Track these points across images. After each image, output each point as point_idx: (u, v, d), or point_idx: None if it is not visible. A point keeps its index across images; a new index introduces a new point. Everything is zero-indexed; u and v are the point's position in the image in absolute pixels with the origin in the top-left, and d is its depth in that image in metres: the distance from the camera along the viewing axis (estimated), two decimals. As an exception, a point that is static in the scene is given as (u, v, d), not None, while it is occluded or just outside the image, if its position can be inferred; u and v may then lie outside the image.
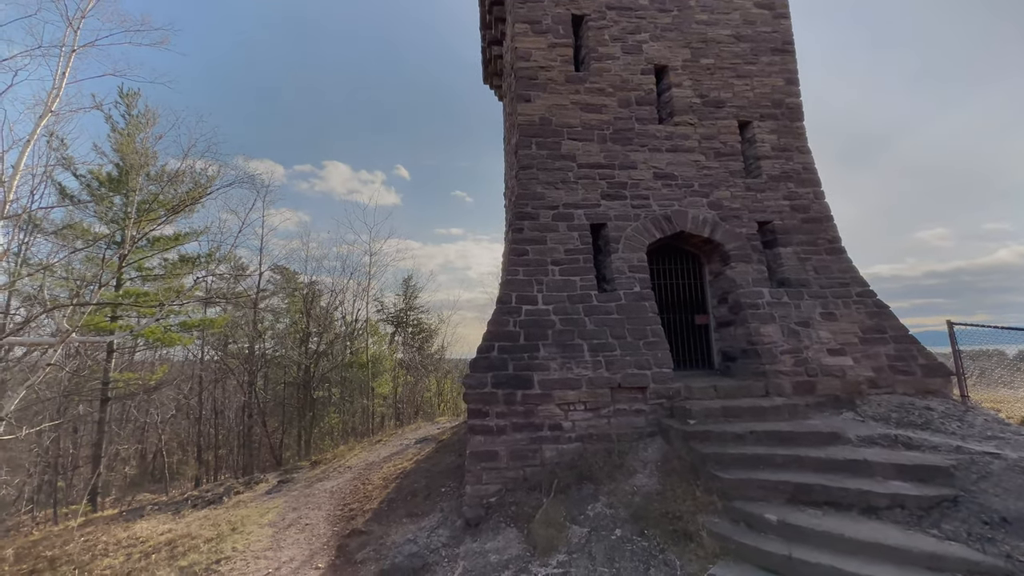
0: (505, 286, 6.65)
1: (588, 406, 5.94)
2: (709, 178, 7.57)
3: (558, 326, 6.37)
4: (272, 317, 22.83)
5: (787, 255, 7.25)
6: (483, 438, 5.72)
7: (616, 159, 7.50)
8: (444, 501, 6.33)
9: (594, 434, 5.88)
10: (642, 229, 7.20)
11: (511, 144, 9.28)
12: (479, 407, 5.78)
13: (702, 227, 7.28)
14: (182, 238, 12.61)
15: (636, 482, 5.22)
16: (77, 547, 6.37)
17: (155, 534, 6.55)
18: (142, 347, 13.60)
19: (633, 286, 6.81)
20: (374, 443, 11.04)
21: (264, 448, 17.29)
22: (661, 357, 6.25)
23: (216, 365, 18.62)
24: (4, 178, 6.41)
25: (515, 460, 5.71)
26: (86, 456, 13.54)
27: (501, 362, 6.01)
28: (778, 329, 6.61)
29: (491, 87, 13.88)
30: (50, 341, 6.23)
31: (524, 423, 5.80)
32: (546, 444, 5.80)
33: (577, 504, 5.10)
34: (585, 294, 6.68)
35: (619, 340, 6.32)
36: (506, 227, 11.84)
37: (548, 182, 7.30)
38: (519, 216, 7.08)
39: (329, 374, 18.42)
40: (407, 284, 26.88)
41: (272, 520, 6.61)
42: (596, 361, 6.12)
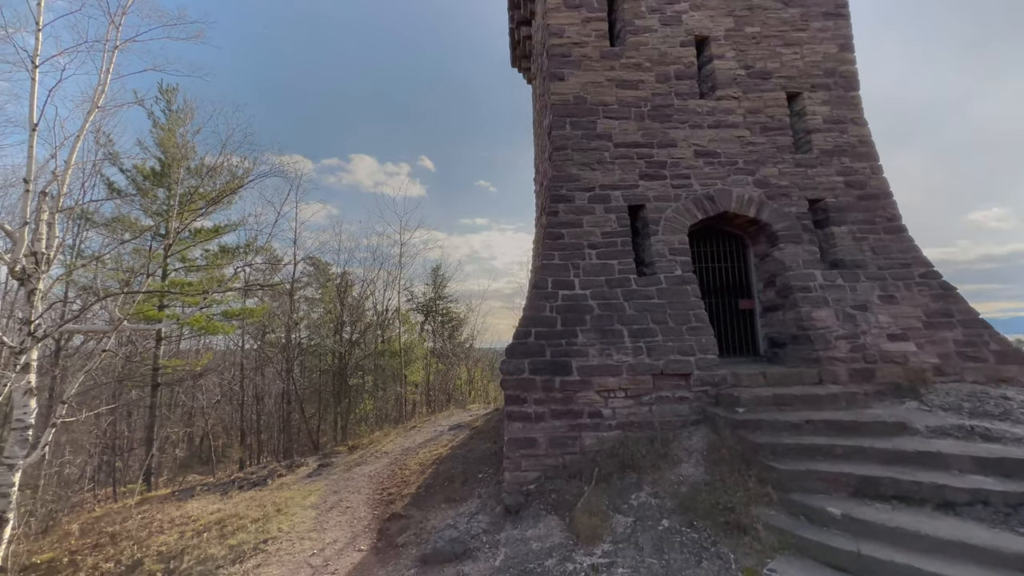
0: (540, 271, 6.49)
1: (629, 393, 5.75)
2: (755, 154, 7.15)
3: (596, 311, 6.18)
4: (307, 307, 23.47)
5: (841, 235, 6.79)
6: (521, 424, 5.63)
7: (655, 137, 7.17)
8: (482, 487, 6.30)
9: (635, 422, 5.70)
10: (683, 210, 6.88)
11: (543, 126, 9.04)
12: (517, 393, 5.68)
13: (747, 206, 6.89)
14: (221, 229, 13.05)
15: (682, 471, 5.03)
16: (135, 524, 6.70)
17: (205, 513, 6.81)
18: (188, 335, 14.23)
19: (674, 269, 6.53)
20: (408, 429, 11.18)
21: (302, 433, 17.87)
22: (705, 343, 5.98)
23: (255, 353, 19.29)
24: (58, 172, 6.66)
25: (554, 447, 5.60)
26: (140, 438, 14.33)
27: (538, 348, 5.88)
28: (832, 313, 6.22)
29: (519, 70, 13.58)
30: (104, 329, 6.49)
31: (563, 410, 5.67)
32: (585, 431, 5.66)
33: (620, 493, 4.96)
34: (624, 278, 6.45)
35: (660, 325, 6.08)
36: (537, 213, 11.63)
37: (583, 163, 7.05)
38: (554, 199, 6.88)
39: (363, 362, 18.80)
40: (436, 274, 27.05)
41: (314, 502, 6.76)
42: (637, 347, 5.91)
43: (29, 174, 6.06)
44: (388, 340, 19.95)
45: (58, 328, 5.74)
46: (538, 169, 11.10)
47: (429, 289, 26.85)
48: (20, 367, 5.93)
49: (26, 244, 6.15)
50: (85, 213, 9.63)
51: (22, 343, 5.88)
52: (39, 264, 6.17)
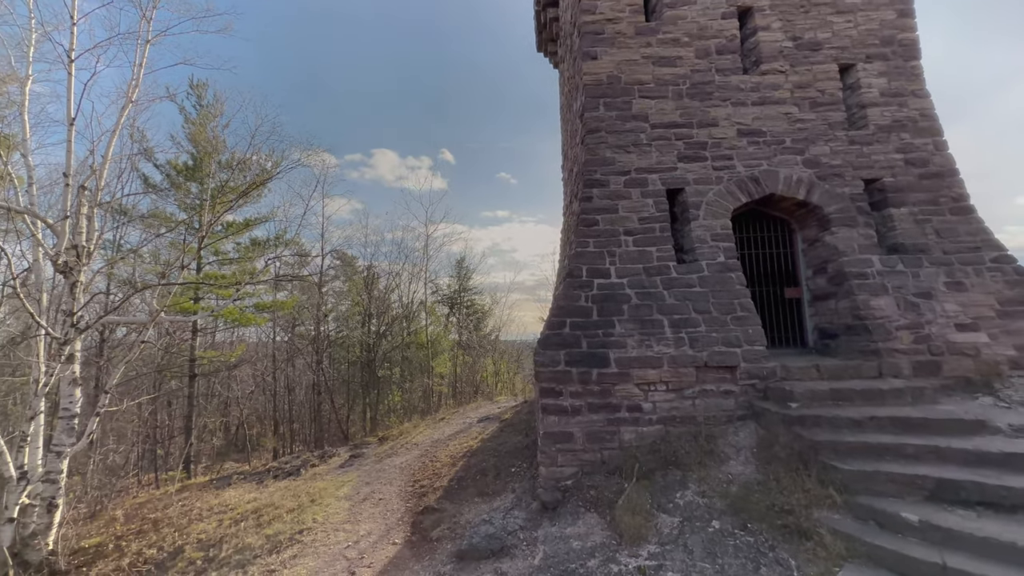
0: (574, 259, 6.24)
1: (670, 386, 5.47)
2: (804, 132, 6.67)
3: (634, 300, 5.90)
4: (334, 300, 23.84)
5: (901, 217, 6.28)
6: (557, 418, 5.43)
7: (694, 117, 6.77)
8: (515, 482, 6.15)
9: (677, 416, 5.42)
10: (725, 193, 6.49)
11: (573, 110, 8.72)
12: (552, 386, 5.48)
13: (796, 188, 6.45)
14: (252, 223, 13.28)
15: (730, 470, 4.74)
16: (176, 511, 6.84)
17: (242, 502, 6.90)
18: (222, 327, 14.61)
19: (717, 256, 6.17)
20: (437, 421, 11.15)
21: (332, 423, 18.19)
22: (752, 333, 5.63)
23: (286, 345, 19.71)
24: (95, 167, 6.77)
25: (592, 442, 5.39)
26: (179, 427, 14.83)
27: (574, 339, 5.65)
28: (892, 302, 5.76)
29: (545, 54, 13.21)
30: (142, 320, 6.58)
31: (600, 403, 5.44)
32: (624, 426, 5.42)
33: (664, 491, 4.71)
34: (663, 265, 6.14)
35: (703, 315, 5.76)
36: (566, 201, 11.33)
37: (618, 145, 6.73)
38: (587, 184, 6.59)
39: (391, 354, 18.96)
40: (460, 266, 27.05)
41: (347, 493, 6.75)
42: (678, 338, 5.61)
43: (68, 168, 6.16)
44: (414, 332, 20.04)
45: (99, 320, 5.86)
46: (567, 156, 10.77)
47: (454, 281, 26.90)
48: (65, 357, 6.08)
49: (67, 238, 6.28)
50: (124, 209, 9.90)
51: (66, 334, 6.02)
52: (80, 257, 6.30)
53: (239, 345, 16.56)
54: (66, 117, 6.23)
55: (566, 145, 10.89)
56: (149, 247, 11.07)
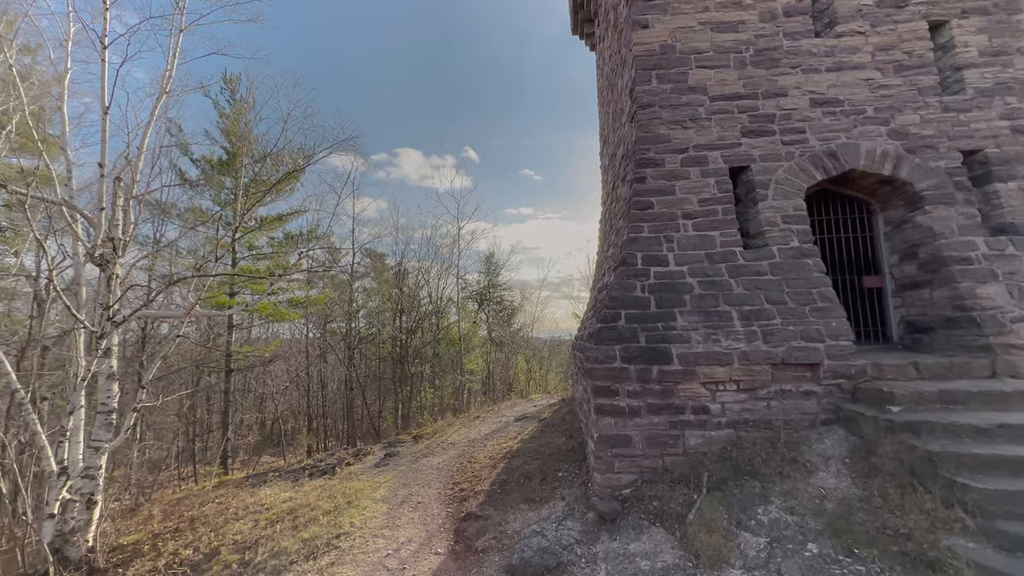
0: (628, 245, 5.69)
1: (742, 386, 4.87)
2: (888, 100, 5.90)
3: (697, 290, 5.31)
4: (364, 298, 23.93)
5: (1009, 192, 5.45)
6: (613, 420, 4.91)
7: (759, 87, 6.10)
8: (563, 488, 5.67)
9: (750, 420, 4.82)
10: (797, 170, 5.80)
11: (617, 89, 8.13)
12: (607, 384, 4.96)
13: (881, 163, 5.70)
14: (285, 217, 13.25)
15: (820, 483, 4.12)
16: (212, 510, 6.69)
17: (277, 502, 6.68)
18: (257, 323, 14.69)
19: (789, 240, 5.51)
20: (472, 419, 10.78)
21: (364, 420, 18.16)
22: (836, 327, 4.96)
23: (319, 342, 19.82)
24: (130, 158, 6.65)
25: (652, 447, 4.85)
26: (217, 423, 15.03)
27: (631, 333, 5.11)
28: (1003, 290, 4.97)
29: (581, 36, 12.62)
30: (177, 314, 6.42)
31: (662, 404, 4.89)
32: (689, 430, 4.85)
33: (742, 505, 4.13)
34: (728, 251, 5.52)
35: (777, 306, 5.12)
36: (605, 190, 10.74)
37: (674, 121, 6.13)
38: (640, 163, 6.02)
39: (422, 350, 18.78)
40: (489, 261, 26.73)
41: (384, 495, 6.43)
42: (750, 331, 4.99)
43: (103, 158, 6.03)
44: (445, 328, 19.81)
45: (134, 313, 5.73)
46: (607, 141, 10.18)
47: (483, 277, 26.62)
48: (102, 351, 5.97)
49: (103, 230, 6.16)
50: (161, 204, 9.97)
51: (102, 328, 5.90)
52: (116, 250, 6.18)
53: (274, 340, 16.69)
54: (100, 106, 6.11)
55: (606, 129, 10.29)
56: (187, 242, 11.18)
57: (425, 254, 24.18)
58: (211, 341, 11.42)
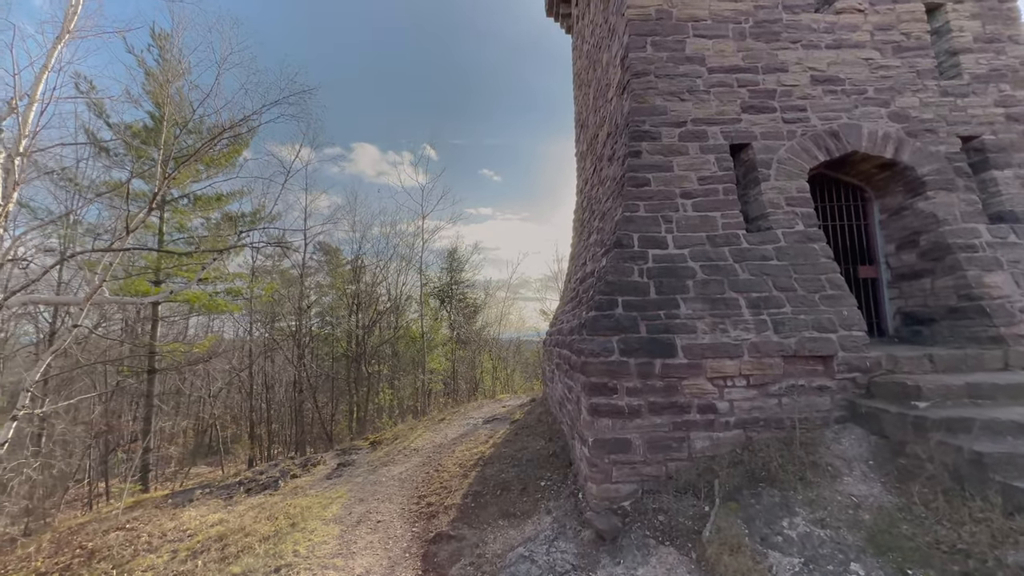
0: (622, 225, 5.09)
1: (752, 381, 4.36)
2: (888, 81, 5.64)
3: (700, 275, 4.78)
4: (317, 294, 22.27)
5: (1006, 180, 5.30)
6: (611, 422, 4.27)
7: (759, 60, 5.69)
8: (548, 499, 4.98)
9: (760, 419, 4.32)
10: (799, 150, 5.42)
11: (602, 65, 7.58)
12: (605, 381, 4.31)
13: (883, 145, 5.41)
14: (224, 199, 11.71)
15: (848, 489, 3.64)
16: (118, 539, 5.47)
17: (204, 526, 5.57)
18: (188, 314, 13.01)
19: (794, 223, 5.10)
20: (437, 422, 9.90)
21: (315, 424, 16.74)
22: (848, 316, 4.56)
23: (265, 339, 18.14)
24: (15, 104, 5.34)
25: (654, 451, 4.24)
26: (135, 431, 13.18)
27: (630, 322, 4.49)
28: (1008, 278, 4.76)
29: (556, 18, 12.06)
30: (75, 300, 5.19)
31: (665, 403, 4.30)
32: (695, 431, 4.29)
33: (763, 518, 3.59)
34: (731, 234, 5.03)
35: (786, 293, 4.67)
36: (581, 179, 10.20)
37: (671, 92, 5.60)
38: (635, 136, 5.44)
39: (380, 348, 17.56)
40: (452, 257, 25.76)
41: (337, 514, 5.48)
42: (759, 320, 4.50)
43: (-28, 98, 4.73)
44: (405, 326, 18.67)
45: (8, 297, 4.49)
46: (585, 125, 9.63)
47: (444, 274, 25.61)
48: (-33, 345, 4.66)
49: (-27, 191, 4.85)
50: (70, 176, 8.39)
51: (-32, 314, 4.61)
52: (-9, 216, 4.88)
53: (208, 336, 14.93)
54: (-30, 32, 4.80)
55: (584, 113, 9.75)
56: (97, 217, 9.53)
57: (383, 248, 22.86)
58: (134, 336, 9.81)
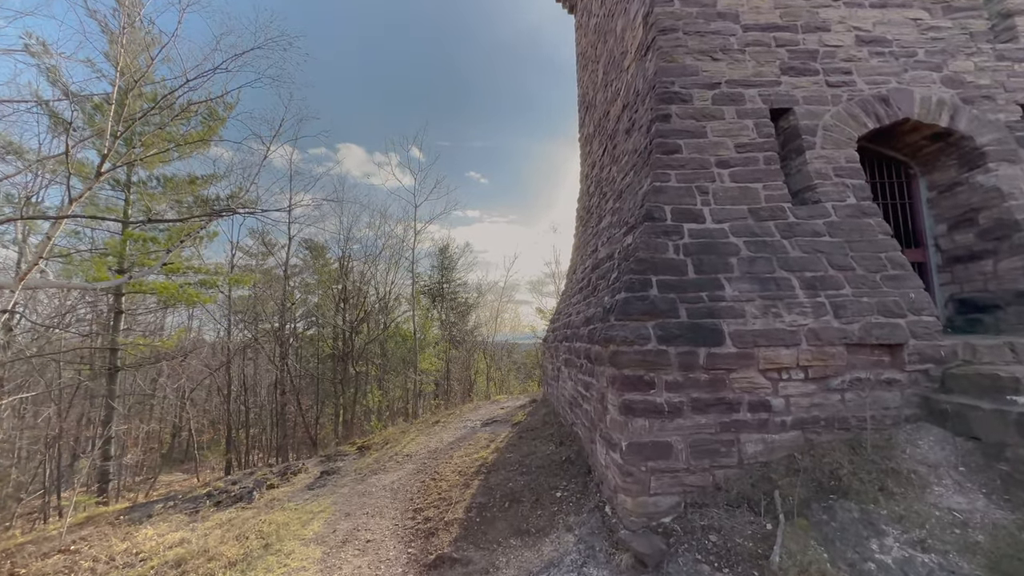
0: (652, 196, 4.43)
1: (810, 373, 3.73)
2: (940, 43, 5.10)
3: (744, 252, 4.14)
4: (302, 293, 21.28)
5: (1072, 152, 4.77)
6: (648, 422, 3.59)
7: (798, 17, 5.10)
8: (567, 514, 4.28)
9: (821, 418, 3.69)
10: (846, 116, 4.83)
11: (615, 34, 6.96)
12: (640, 374, 3.64)
13: (937, 112, 4.86)
14: (199, 182, 10.76)
15: (943, 501, 3.01)
16: (58, 564, 4.62)
17: (161, 547, 4.75)
18: (156, 308, 12.03)
19: (845, 196, 4.50)
20: (431, 425, 9.14)
21: (299, 427, 15.79)
22: (916, 299, 3.96)
23: (246, 337, 17.13)
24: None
25: (699, 457, 3.58)
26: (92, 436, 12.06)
27: (667, 304, 3.83)
28: (1087, 258, 4.21)
29: (558, -2, 11.45)
30: (6, 282, 4.36)
31: (710, 399, 3.65)
32: (746, 432, 3.64)
33: (844, 539, 2.94)
34: (775, 208, 4.42)
35: (845, 272, 4.06)
36: (586, 163, 9.57)
37: (701, 51, 4.98)
38: (662, 98, 4.81)
39: (369, 347, 16.68)
40: (443, 255, 25.00)
41: (319, 532, 4.71)
42: (816, 303, 3.88)
43: None
44: (395, 324, 17.83)
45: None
46: (592, 105, 9.01)
47: (435, 272, 24.84)
48: None
49: None
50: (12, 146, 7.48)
51: None
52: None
53: (177, 330, 13.90)
54: None
55: (590, 93, 9.13)
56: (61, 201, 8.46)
57: (372, 243, 21.97)
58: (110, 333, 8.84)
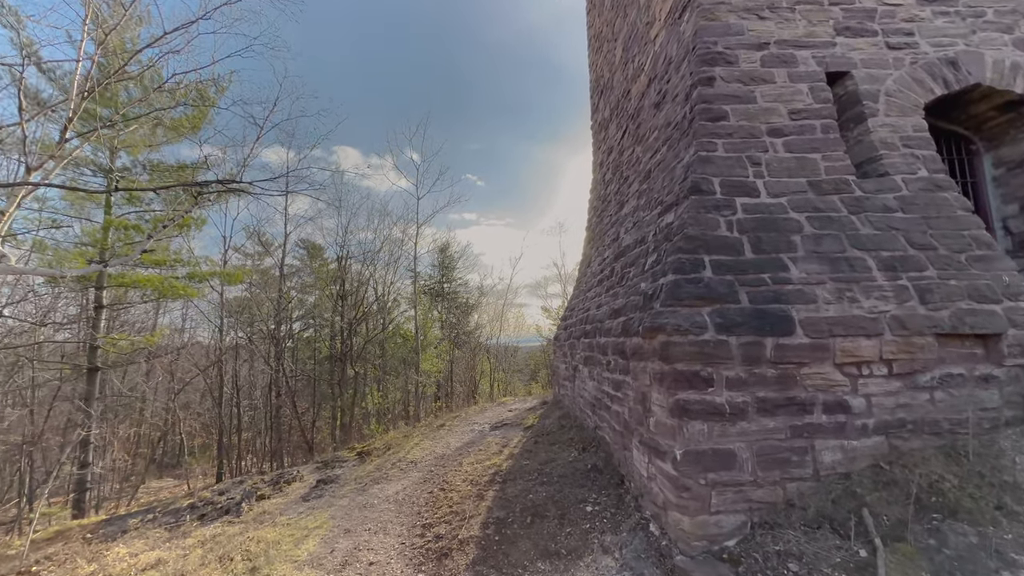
0: (698, 166, 3.89)
1: (894, 368, 3.17)
2: (1010, 2, 4.59)
3: (808, 229, 3.59)
4: (298, 293, 20.66)
5: None
6: (706, 426, 3.02)
7: (853, -26, 4.58)
8: (602, 531, 3.70)
9: (908, 421, 3.13)
10: (911, 81, 4.30)
11: (638, 4, 6.44)
12: (696, 368, 3.08)
13: (1011, 77, 4.34)
14: (188, 169, 10.16)
15: (1085, 524, 2.45)
16: (12, 591, 4.01)
17: (133, 569, 4.14)
18: (140, 302, 11.37)
19: (915, 168, 3.96)
20: (435, 428, 8.54)
21: (295, 431, 15.14)
22: (1011, 283, 3.42)
23: (239, 339, 16.48)
24: None
25: (767, 468, 3.01)
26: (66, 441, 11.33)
27: (725, 288, 3.28)
28: None
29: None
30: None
31: (779, 399, 3.08)
32: (821, 438, 3.08)
33: (966, 569, 2.38)
34: (838, 180, 3.88)
35: (926, 252, 3.51)
36: (600, 151, 9.04)
37: (746, 9, 4.45)
38: (706, 60, 4.27)
39: (367, 346, 16.04)
40: (443, 253, 24.42)
41: (314, 552, 4.11)
42: (898, 287, 3.32)
43: None
44: (395, 324, 17.20)
45: None
46: (606, 89, 8.49)
47: (435, 271, 24.28)
48: None
49: None
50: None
51: None
52: None
53: (159, 328, 13.20)
54: None
55: (604, 76, 8.61)
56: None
57: (371, 242, 21.36)
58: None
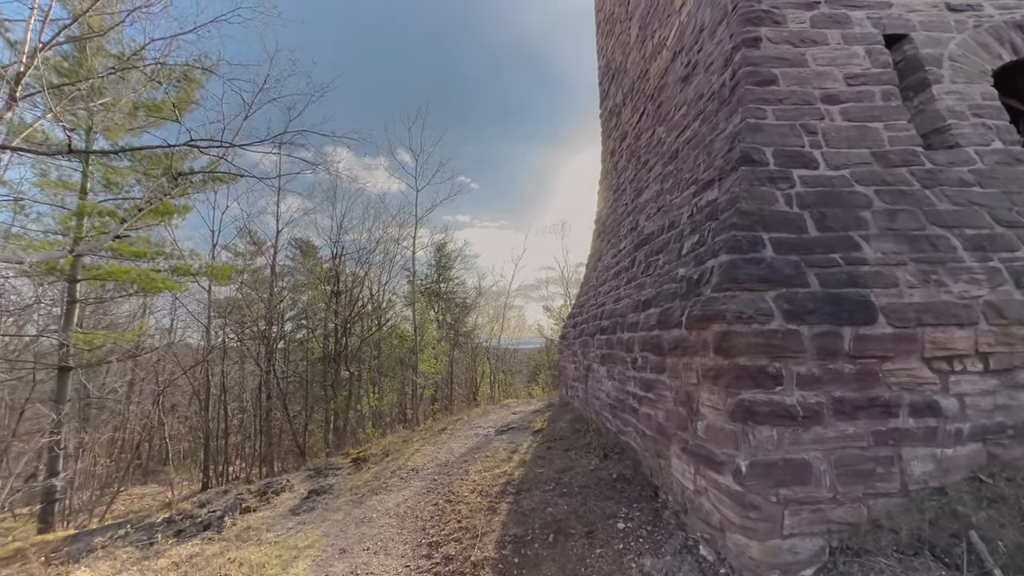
0: (747, 134, 3.42)
1: (991, 363, 2.71)
2: (1078, -38, 4.18)
3: (878, 204, 3.13)
4: (291, 294, 20.04)
5: None
6: (775, 432, 2.54)
7: (907, -71, 4.15)
8: (639, 553, 3.21)
9: (1007, 425, 2.67)
10: (975, 46, 3.87)
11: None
12: (763, 363, 2.59)
13: (1085, 43, 3.92)
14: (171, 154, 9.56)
15: None
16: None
17: (95, 599, 3.58)
18: (115, 295, 10.70)
19: (989, 139, 3.53)
20: (437, 433, 8.01)
21: (286, 435, 14.51)
22: (1114, 264, 2.97)
23: (228, 338, 15.82)
24: None
25: (848, 481, 2.53)
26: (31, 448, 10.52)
27: (791, 268, 2.80)
28: None
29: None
30: None
31: (859, 399, 2.61)
32: (909, 446, 2.60)
33: None
34: (906, 152, 3.42)
35: (1015, 230, 3.06)
36: (611, 139, 8.58)
37: (792, -35, 4.00)
38: (749, 19, 3.81)
39: (362, 346, 15.46)
40: (440, 252, 23.87)
41: (305, 577, 3.57)
42: (990, 269, 2.87)
43: None
44: (391, 325, 16.63)
45: None
46: (619, 72, 8.04)
47: (432, 271, 23.74)
48: None
49: None
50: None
51: None
52: None
53: (137, 324, 12.49)
54: None
55: (619, 58, 8.17)
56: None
57: (366, 240, 20.79)
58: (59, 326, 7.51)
